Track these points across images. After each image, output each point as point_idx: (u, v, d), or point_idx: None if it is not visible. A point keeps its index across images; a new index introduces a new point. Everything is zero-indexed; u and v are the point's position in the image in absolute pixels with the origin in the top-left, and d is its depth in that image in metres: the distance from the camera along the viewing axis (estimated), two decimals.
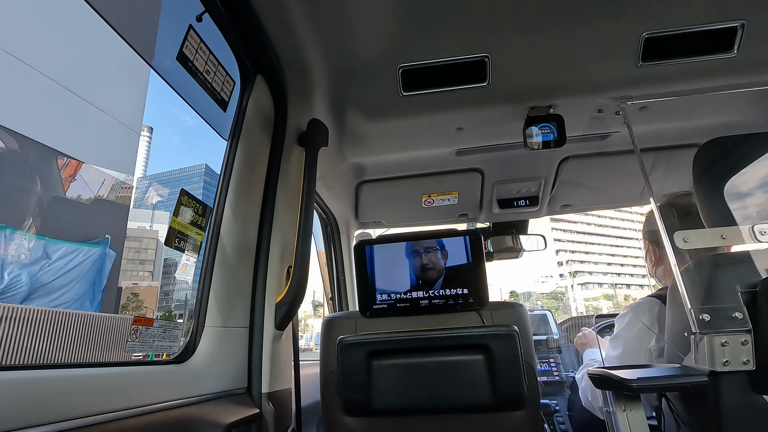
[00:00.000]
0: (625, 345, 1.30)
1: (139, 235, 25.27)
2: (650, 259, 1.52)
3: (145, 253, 25.42)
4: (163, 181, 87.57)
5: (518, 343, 1.04)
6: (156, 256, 24.78)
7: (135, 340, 0.90)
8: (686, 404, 1.01)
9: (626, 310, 1.40)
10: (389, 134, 1.54)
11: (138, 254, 25.13)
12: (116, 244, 9.44)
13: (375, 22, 1.07)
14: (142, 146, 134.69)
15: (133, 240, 23.17)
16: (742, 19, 1.09)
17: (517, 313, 1.15)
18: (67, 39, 8.64)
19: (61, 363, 4.11)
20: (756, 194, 1.15)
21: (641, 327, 1.28)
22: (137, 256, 24.45)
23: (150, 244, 25.60)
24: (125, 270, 49.06)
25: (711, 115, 1.52)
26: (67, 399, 0.63)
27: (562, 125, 1.35)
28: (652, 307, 1.29)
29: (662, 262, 1.47)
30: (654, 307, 1.28)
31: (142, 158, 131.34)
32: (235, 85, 1.12)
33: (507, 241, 2.31)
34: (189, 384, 0.91)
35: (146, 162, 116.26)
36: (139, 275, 23.13)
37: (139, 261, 24.84)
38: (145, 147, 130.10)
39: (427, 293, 1.17)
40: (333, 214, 2.10)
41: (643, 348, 1.26)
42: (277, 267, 1.15)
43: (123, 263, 10.67)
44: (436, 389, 1.06)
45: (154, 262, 25.06)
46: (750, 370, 0.85)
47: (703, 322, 0.87)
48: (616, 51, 1.18)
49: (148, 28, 0.96)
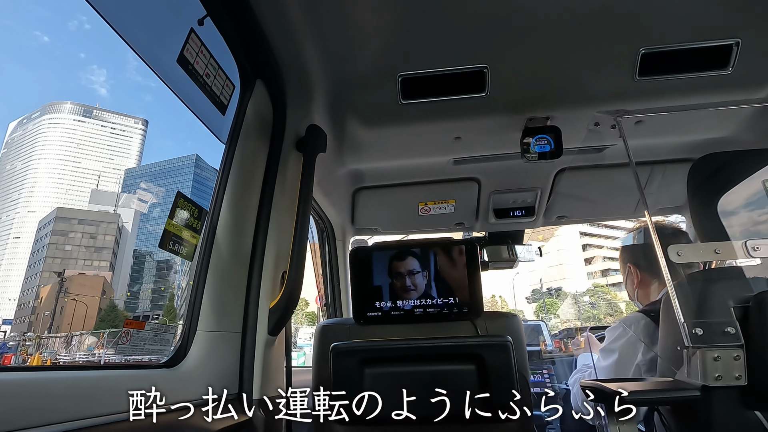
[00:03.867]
0: (614, 355, 1.33)
1: (98, 219, 24.49)
2: (631, 282, 1.55)
3: (102, 239, 24.55)
4: (153, 173, 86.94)
5: (512, 353, 1.04)
6: (120, 243, 23.83)
7: (125, 343, 0.89)
8: (678, 418, 1.01)
9: (616, 323, 1.43)
10: (387, 142, 1.55)
11: (93, 240, 24.24)
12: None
13: (376, 30, 1.08)
14: (136, 139, 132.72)
15: (89, 224, 22.33)
16: (737, 37, 1.11)
17: (512, 323, 1.15)
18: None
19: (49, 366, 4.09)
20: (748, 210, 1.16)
21: (630, 338, 1.31)
22: (92, 242, 23.59)
23: (109, 229, 24.74)
24: (72, 258, 47.48)
25: (705, 131, 1.53)
26: (55, 402, 0.62)
27: (559, 137, 1.36)
28: (638, 320, 1.32)
29: (643, 284, 1.50)
30: (641, 321, 1.31)
31: (135, 150, 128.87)
32: (235, 89, 1.12)
33: (502, 251, 2.31)
34: (179, 388, 0.90)
35: (140, 154, 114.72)
36: (94, 265, 22.35)
37: (94, 249, 24.07)
38: (139, 140, 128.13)
39: (421, 302, 1.16)
40: (329, 220, 2.09)
41: (632, 359, 1.28)
42: (271, 272, 1.14)
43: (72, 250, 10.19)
44: (428, 399, 1.05)
45: (114, 251, 24.29)
46: (742, 385, 0.85)
47: (695, 336, 0.87)
48: (613, 65, 1.19)
49: (149, 30, 0.96)
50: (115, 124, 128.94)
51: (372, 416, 1.06)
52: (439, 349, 1.06)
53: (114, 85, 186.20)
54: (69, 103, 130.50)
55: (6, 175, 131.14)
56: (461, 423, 1.09)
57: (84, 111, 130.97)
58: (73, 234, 64.37)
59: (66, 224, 65.98)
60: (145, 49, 0.90)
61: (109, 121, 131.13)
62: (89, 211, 70.74)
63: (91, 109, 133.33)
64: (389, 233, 2.31)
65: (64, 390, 0.65)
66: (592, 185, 1.89)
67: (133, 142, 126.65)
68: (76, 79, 52.66)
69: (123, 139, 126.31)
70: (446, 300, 1.16)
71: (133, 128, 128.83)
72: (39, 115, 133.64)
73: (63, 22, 43.82)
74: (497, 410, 1.04)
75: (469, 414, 1.05)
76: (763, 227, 1.17)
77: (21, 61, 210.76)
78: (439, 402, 1.05)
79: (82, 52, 38.91)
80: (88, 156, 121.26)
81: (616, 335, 1.36)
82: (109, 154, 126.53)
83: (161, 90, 39.87)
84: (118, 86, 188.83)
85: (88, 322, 42.90)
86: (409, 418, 1.07)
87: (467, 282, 1.16)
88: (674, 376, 0.97)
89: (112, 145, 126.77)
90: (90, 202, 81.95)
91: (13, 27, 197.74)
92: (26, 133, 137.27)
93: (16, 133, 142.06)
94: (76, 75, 43.35)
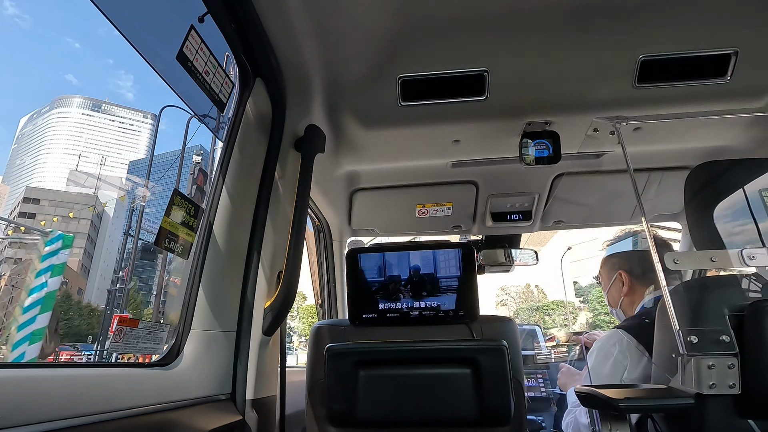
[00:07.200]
0: (599, 380, 1.29)
1: (74, 201, 23.07)
2: (617, 289, 1.53)
3: (77, 223, 23.24)
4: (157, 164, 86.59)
5: (507, 358, 1.03)
6: (99, 230, 22.37)
7: (118, 341, 0.88)
8: (671, 425, 1.01)
9: (594, 344, 1.39)
10: (386, 143, 1.55)
11: (66, 225, 22.92)
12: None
13: (376, 31, 1.08)
14: (145, 132, 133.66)
15: (63, 207, 20.61)
16: (735, 46, 1.12)
17: (507, 327, 1.14)
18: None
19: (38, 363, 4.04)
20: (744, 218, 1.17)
21: (614, 360, 1.28)
22: (65, 227, 22.26)
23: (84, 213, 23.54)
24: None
25: (703, 139, 1.54)
26: (46, 400, 0.61)
27: (557, 142, 1.36)
28: (621, 339, 1.29)
29: (632, 291, 1.49)
30: (623, 340, 1.28)
31: (144, 143, 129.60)
32: (234, 87, 1.12)
33: (499, 254, 2.32)
34: (172, 388, 0.89)
35: (151, 146, 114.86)
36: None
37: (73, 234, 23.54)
38: (148, 134, 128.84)
39: (417, 304, 1.16)
40: (326, 221, 2.09)
41: (617, 380, 1.25)
42: (267, 271, 1.14)
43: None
44: (422, 402, 1.05)
45: (90, 236, 22.87)
46: (736, 393, 0.85)
47: (690, 343, 0.87)
48: (613, 72, 1.20)
49: (149, 27, 0.96)
50: (123, 118, 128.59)
51: (365, 418, 1.06)
52: (434, 353, 1.06)
53: (140, 90, 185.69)
54: (78, 97, 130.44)
55: (15, 170, 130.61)
56: (455, 426, 1.08)
57: (93, 105, 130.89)
58: (42, 217, 61.36)
59: (34, 206, 63.04)
60: (144, 45, 0.90)
61: (117, 115, 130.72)
62: (63, 192, 67.24)
63: (100, 103, 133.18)
64: (386, 235, 2.30)
65: (56, 387, 0.64)
66: (590, 191, 1.90)
67: (141, 137, 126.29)
68: (104, 84, 51.93)
69: (131, 134, 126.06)
70: (442, 303, 1.15)
71: (141, 122, 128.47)
72: (48, 110, 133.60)
73: (93, 29, 42.57)
74: (491, 414, 1.03)
75: (462, 417, 1.05)
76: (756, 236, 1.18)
77: (49, 64, 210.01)
78: (434, 405, 1.05)
79: (110, 57, 38.47)
80: (96, 150, 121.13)
81: (598, 357, 1.33)
82: (117, 149, 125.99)
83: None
84: (144, 90, 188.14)
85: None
86: (403, 421, 1.07)
87: (463, 285, 1.16)
88: (668, 384, 0.98)
89: (120, 140, 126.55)
90: (67, 184, 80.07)
91: (47, 34, 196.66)
92: (36, 128, 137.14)
93: (26, 128, 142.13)
94: (104, 80, 42.25)
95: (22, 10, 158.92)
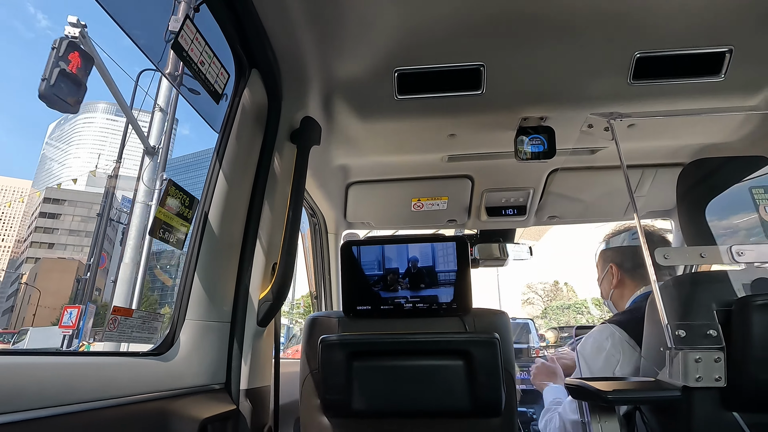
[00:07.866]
0: (591, 373, 1.29)
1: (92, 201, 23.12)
2: (609, 281, 1.54)
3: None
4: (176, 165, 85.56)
5: (499, 350, 1.05)
6: (99, 226, 22.44)
7: (113, 330, 0.88)
8: (659, 417, 1.03)
9: (586, 338, 1.38)
10: (382, 136, 1.55)
11: (85, 224, 22.92)
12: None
13: (373, 24, 1.08)
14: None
15: (81, 206, 20.03)
16: (729, 44, 1.12)
17: (500, 320, 1.16)
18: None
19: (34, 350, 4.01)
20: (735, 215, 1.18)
21: (606, 354, 1.28)
22: (83, 226, 22.17)
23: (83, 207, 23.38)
24: (61, 243, 46.62)
25: (697, 136, 1.55)
26: (41, 387, 0.61)
27: (552, 137, 1.37)
28: (612, 334, 1.29)
29: (621, 284, 1.50)
30: (615, 334, 1.28)
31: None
32: (230, 78, 1.11)
33: (493, 248, 2.33)
34: (166, 377, 0.90)
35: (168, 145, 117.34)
36: (85, 250, 21.04)
37: (86, 233, 22.97)
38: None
39: (411, 297, 1.17)
40: (321, 213, 2.09)
41: (609, 374, 1.25)
42: (262, 263, 1.14)
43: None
44: (415, 393, 1.06)
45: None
46: (721, 386, 0.87)
47: (678, 337, 0.89)
48: (609, 68, 1.20)
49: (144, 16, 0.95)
50: (145, 122, 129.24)
51: (359, 409, 1.07)
52: (427, 344, 1.07)
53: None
54: (103, 102, 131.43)
55: (44, 174, 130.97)
56: (447, 417, 1.10)
57: (116, 110, 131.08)
58: (62, 217, 62.23)
59: (55, 206, 63.75)
60: (139, 34, 0.89)
61: (140, 120, 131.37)
62: (83, 192, 68.26)
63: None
64: (382, 228, 2.31)
65: (51, 375, 0.64)
66: (584, 187, 1.91)
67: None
68: (128, 91, 52.30)
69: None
70: (435, 296, 1.16)
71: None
72: (74, 115, 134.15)
73: (117, 40, 41.96)
74: (482, 406, 1.05)
75: (455, 409, 1.06)
76: (748, 232, 1.20)
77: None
78: (427, 396, 1.06)
79: (137, 66, 38.36)
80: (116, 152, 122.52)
81: (593, 351, 1.32)
82: (139, 150, 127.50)
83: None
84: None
85: (41, 312, 41.16)
86: (396, 412, 1.08)
87: (457, 278, 1.16)
88: (656, 377, 0.99)
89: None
90: (87, 185, 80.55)
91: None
92: (63, 133, 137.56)
93: (54, 133, 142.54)
94: (129, 87, 42.10)
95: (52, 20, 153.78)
